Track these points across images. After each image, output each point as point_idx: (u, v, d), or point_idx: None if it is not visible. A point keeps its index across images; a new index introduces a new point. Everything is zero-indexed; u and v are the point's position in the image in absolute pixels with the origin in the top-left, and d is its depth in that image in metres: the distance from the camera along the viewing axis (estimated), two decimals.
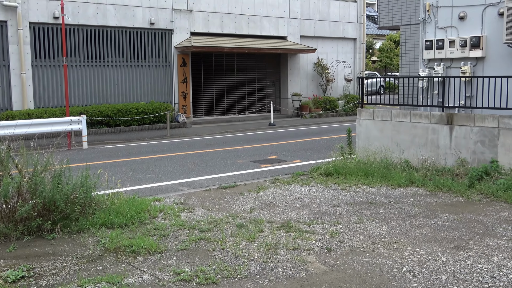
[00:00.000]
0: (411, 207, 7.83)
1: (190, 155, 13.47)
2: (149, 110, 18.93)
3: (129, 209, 7.19)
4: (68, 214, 6.64)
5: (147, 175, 10.78)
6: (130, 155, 13.62)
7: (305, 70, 24.84)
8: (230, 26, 21.90)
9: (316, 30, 24.93)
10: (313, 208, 7.85)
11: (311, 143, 15.63)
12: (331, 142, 15.02)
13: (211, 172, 11.03)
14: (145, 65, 19.92)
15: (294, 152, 13.82)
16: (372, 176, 9.65)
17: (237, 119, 22.39)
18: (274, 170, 11.23)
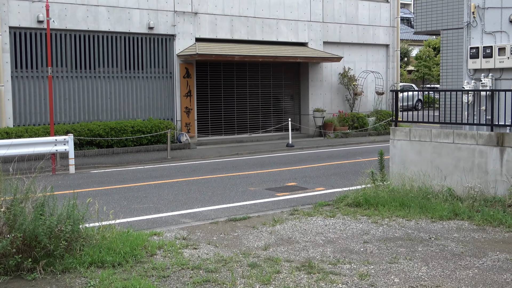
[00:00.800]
0: (455, 244, 7.76)
1: (195, 182, 13.50)
2: (147, 128, 19.06)
3: (123, 245, 7.20)
4: (52, 250, 6.66)
5: (144, 205, 10.81)
6: (125, 181, 13.68)
7: (329, 82, 24.91)
8: (241, 31, 22.10)
9: (342, 35, 25.07)
10: (339, 244, 7.81)
11: (336, 167, 15.59)
12: (360, 166, 14.96)
13: (219, 202, 11.03)
14: (143, 76, 20.12)
15: (316, 178, 13.79)
16: (409, 207, 9.59)
17: (249, 139, 22.45)
18: (292, 200, 11.20)
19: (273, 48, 22.39)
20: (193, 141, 20.84)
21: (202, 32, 21.19)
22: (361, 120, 24.49)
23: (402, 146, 11.09)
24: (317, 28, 24.12)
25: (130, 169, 15.92)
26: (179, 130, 20.53)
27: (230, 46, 21.47)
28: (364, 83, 25.81)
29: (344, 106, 25.29)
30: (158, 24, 20.18)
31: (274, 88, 24.24)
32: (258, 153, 19.34)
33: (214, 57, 20.24)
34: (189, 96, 20.80)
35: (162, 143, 19.52)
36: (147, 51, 20.17)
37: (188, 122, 20.81)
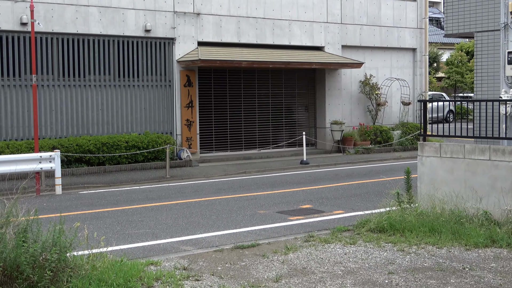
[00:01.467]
0: (493, 276, 7.70)
1: (197, 204, 13.50)
2: (143, 143, 19.12)
3: (116, 276, 7.19)
4: (36, 282, 6.65)
5: (139, 231, 10.81)
6: (118, 203, 13.69)
7: (349, 91, 24.96)
8: (249, 34, 22.21)
9: (363, 38, 25.14)
10: (360, 276, 7.77)
11: (357, 187, 15.56)
12: (384, 186, 14.92)
13: (224, 227, 11.02)
14: (138, 84, 20.21)
15: (334, 199, 13.76)
16: (440, 232, 9.54)
17: (258, 156, 22.46)
18: (307, 224, 11.17)
19: (285, 53, 22.47)
20: (195, 157, 20.87)
21: (205, 35, 21.30)
22: (384, 134, 24.48)
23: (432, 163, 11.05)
24: (334, 30, 24.22)
25: (124, 189, 15.93)
26: (179, 146, 20.57)
27: (236, 50, 21.58)
28: (388, 92, 25.82)
29: (366, 118, 25.31)
30: (155, 26, 20.32)
31: (286, 97, 24.31)
32: (269, 171, 19.34)
33: (218, 63, 20.34)
34: (191, 107, 20.88)
35: (160, 160, 19.56)
36: (144, 57, 20.28)
37: (189, 136, 20.86)
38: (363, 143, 23.89)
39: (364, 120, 25.20)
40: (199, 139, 21.44)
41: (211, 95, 22.40)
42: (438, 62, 50.95)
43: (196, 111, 21.08)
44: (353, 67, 23.79)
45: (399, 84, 26.15)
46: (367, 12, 25.19)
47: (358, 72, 24.98)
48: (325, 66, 23.01)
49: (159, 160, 19.55)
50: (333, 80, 24.39)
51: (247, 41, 22.18)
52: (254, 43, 22.37)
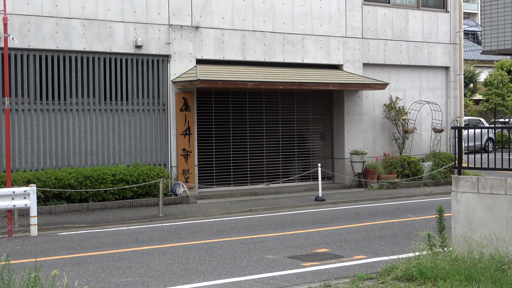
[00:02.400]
0: None
1: (194, 247, 13.44)
2: (133, 177, 19.12)
3: None
4: None
5: (127, 279, 10.75)
6: (103, 247, 13.65)
7: (371, 116, 24.99)
8: (255, 50, 22.31)
9: (388, 55, 25.22)
10: None
11: (381, 228, 15.50)
12: (412, 227, 14.83)
13: (226, 274, 10.96)
14: (127, 109, 20.26)
15: (355, 242, 13.69)
16: (478, 281, 9.47)
17: (266, 191, 22.43)
18: (323, 271, 11.10)
19: (298, 72, 22.55)
20: (193, 193, 20.87)
21: (205, 52, 21.40)
22: (413, 166, 24.45)
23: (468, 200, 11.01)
24: (354, 46, 24.33)
25: (110, 230, 15.89)
26: (175, 179, 20.58)
27: (241, 69, 21.66)
28: (417, 117, 25.82)
29: (391, 147, 25.32)
30: (148, 41, 20.44)
31: (299, 124, 24.35)
32: (278, 209, 19.30)
33: (220, 84, 20.38)
34: (188, 134, 20.91)
35: (152, 196, 19.56)
36: (134, 77, 20.37)
37: (186, 168, 20.87)
38: (388, 176, 23.88)
39: (389, 149, 25.21)
40: (197, 171, 21.42)
41: (212, 121, 22.46)
42: (475, 82, 50.98)
43: (194, 139, 21.09)
44: (376, 89, 23.85)
45: (429, 108, 26.15)
46: (392, 25, 25.32)
47: (382, 94, 25.04)
48: (343, 87, 23.04)
49: (151, 196, 19.54)
50: (353, 103, 24.45)
51: (254, 58, 22.29)
52: (262, 61, 22.47)
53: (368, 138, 24.86)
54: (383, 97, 25.12)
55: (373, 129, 25.05)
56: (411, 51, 25.73)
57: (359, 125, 24.52)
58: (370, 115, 24.95)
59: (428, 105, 26.08)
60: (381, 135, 25.21)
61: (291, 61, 23.00)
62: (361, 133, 24.58)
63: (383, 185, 23.47)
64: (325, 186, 22.89)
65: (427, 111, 26.18)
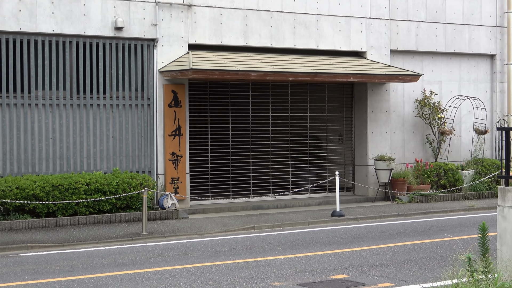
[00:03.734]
0: None
1: (185, 272, 13.40)
2: (111, 186, 19.01)
3: None
4: None
5: None
6: (74, 271, 13.58)
7: (400, 114, 24.94)
8: (261, 34, 22.24)
9: (420, 39, 25.16)
10: None
11: (411, 250, 15.43)
12: (449, 249, 14.80)
13: None
14: (105, 104, 20.19)
15: (380, 267, 13.64)
16: None
17: (272, 205, 22.36)
18: None
19: (311, 61, 22.52)
20: (184, 206, 20.80)
21: (199, 36, 21.35)
22: (451, 175, 24.39)
23: None
24: (380, 29, 24.27)
25: (84, 251, 15.81)
26: (161, 190, 20.52)
27: (243, 57, 21.63)
28: (455, 116, 25.75)
29: (424, 152, 25.26)
30: (130, 22, 20.35)
31: (312, 123, 24.32)
32: (287, 226, 19.25)
33: (217, 75, 20.34)
34: (178, 135, 20.86)
35: (134, 209, 19.48)
36: (113, 65, 20.31)
37: (175, 176, 20.81)
38: (421, 187, 23.78)
39: (422, 155, 25.15)
40: (189, 180, 21.34)
41: (207, 119, 22.42)
42: None
43: (186, 141, 21.02)
44: (407, 81, 23.75)
45: (471, 105, 26.09)
46: (426, 3, 25.24)
47: (414, 88, 24.98)
48: (367, 79, 22.99)
49: (132, 210, 19.46)
50: (378, 98, 24.39)
51: (258, 43, 22.23)
52: (268, 47, 22.43)
53: (396, 140, 24.82)
54: (414, 91, 25.07)
55: (403, 130, 24.99)
56: (449, 35, 25.65)
57: (385, 125, 24.47)
58: (398, 113, 24.89)
59: (470, 101, 26.00)
60: (412, 137, 25.15)
61: (303, 47, 22.94)
62: (388, 135, 24.52)
63: (414, 197, 23.38)
64: (344, 199, 22.87)
65: (468, 109, 26.10)
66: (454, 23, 25.76)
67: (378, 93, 24.38)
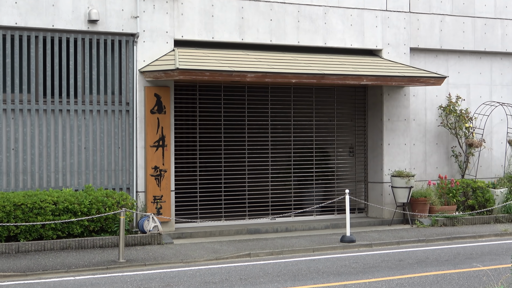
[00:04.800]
0: None
1: None
2: (82, 206, 18.91)
3: None
4: None
5: None
6: None
7: (421, 122, 24.94)
8: (259, 28, 22.24)
9: (445, 36, 25.18)
10: None
11: (434, 282, 15.42)
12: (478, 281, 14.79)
13: None
14: (76, 109, 20.14)
15: None
16: None
17: (272, 228, 22.34)
18: None
19: (318, 60, 22.56)
20: (168, 230, 20.78)
21: (186, 30, 21.35)
22: (480, 194, 24.38)
23: None
24: (398, 24, 24.27)
25: (50, 281, 15.77)
26: (142, 210, 20.48)
27: (238, 55, 21.67)
28: (486, 125, 25.77)
29: (449, 167, 25.29)
30: (106, 14, 20.34)
31: (319, 132, 24.32)
32: (289, 253, 19.22)
33: (208, 76, 20.27)
34: (162, 146, 20.83)
35: (109, 233, 19.42)
36: (86, 64, 20.27)
37: (158, 194, 20.77)
38: (445, 208, 23.77)
39: (447, 170, 25.17)
40: (174, 199, 21.32)
41: (196, 127, 22.37)
42: None
43: (171, 153, 21.00)
44: (429, 84, 23.69)
45: (504, 112, 26.12)
46: None
47: (437, 92, 25.03)
48: (383, 81, 22.88)
49: (108, 234, 19.39)
50: (395, 104, 24.35)
51: (256, 40, 22.24)
52: (267, 44, 22.47)
53: (417, 153, 24.83)
54: (438, 96, 25.11)
55: (424, 141, 24.98)
56: (478, 31, 25.69)
57: (404, 136, 24.45)
58: (419, 122, 24.89)
59: (503, 107, 26.03)
60: (435, 149, 25.16)
61: (308, 44, 22.97)
62: (407, 147, 24.50)
63: (438, 220, 23.34)
64: (355, 222, 22.89)
65: (500, 117, 26.14)
66: (485, 17, 25.81)
67: (395, 98, 24.35)
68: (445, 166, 25.20)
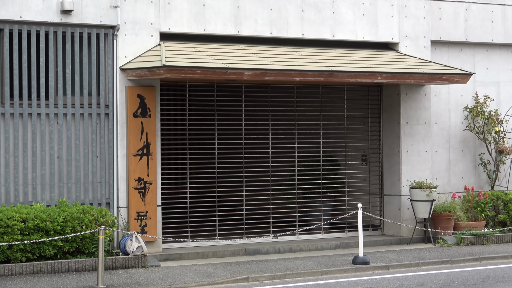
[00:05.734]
0: None
1: None
2: (55, 224, 18.90)
3: None
4: None
5: None
6: None
7: (444, 126, 25.03)
8: (257, 19, 22.27)
9: (471, 27, 25.25)
10: None
11: None
12: None
13: None
14: (48, 112, 20.15)
15: None
16: None
17: (273, 248, 22.41)
18: None
19: (325, 55, 22.66)
20: (154, 250, 20.82)
21: (174, 22, 21.39)
22: None
23: None
24: (418, 13, 24.33)
25: None
26: (124, 228, 20.49)
27: (233, 50, 21.76)
28: None
29: (477, 177, 25.37)
30: (82, 3, 20.34)
31: (326, 138, 24.43)
32: (293, 277, 19.25)
33: (200, 74, 20.27)
34: (146, 155, 20.87)
35: (87, 255, 19.40)
36: (58, 61, 20.30)
37: (142, 210, 20.77)
38: (472, 224, 23.80)
39: (474, 181, 25.22)
40: (161, 215, 21.34)
41: (186, 133, 22.39)
42: None
43: (157, 162, 21.04)
44: (453, 82, 23.74)
45: None
46: None
47: (462, 91, 25.11)
48: (400, 79, 22.95)
49: (85, 256, 19.35)
50: (414, 106, 24.40)
51: (254, 32, 22.29)
52: (267, 37, 22.53)
53: (440, 162, 24.89)
54: (463, 96, 25.19)
55: (448, 147, 25.02)
56: (509, 21, 25.81)
57: (424, 141, 24.50)
58: (442, 125, 24.96)
59: None
60: (460, 157, 25.22)
61: (314, 37, 23.04)
62: (428, 154, 24.54)
63: (464, 238, 23.36)
64: (369, 240, 23.01)
65: None
66: None
67: (414, 99, 24.38)
68: (472, 176, 25.25)
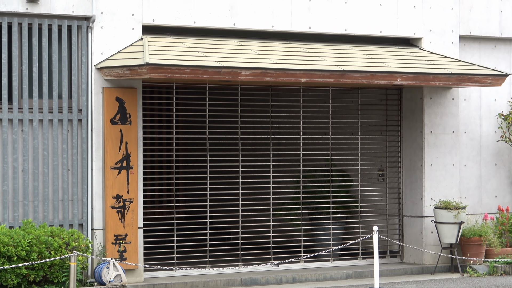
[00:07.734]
0: None
1: None
2: (19, 249, 18.88)
3: None
4: None
5: None
6: None
7: (475, 136, 25.07)
8: (256, 10, 22.30)
9: (506, 20, 25.31)
10: None
11: None
12: None
13: None
14: (11, 118, 20.12)
15: None
16: None
17: (274, 278, 22.39)
18: None
19: (336, 52, 22.74)
20: (134, 280, 20.84)
21: (159, 12, 21.43)
22: None
23: None
24: (444, 3, 24.38)
25: None
26: (100, 254, 20.52)
27: (229, 45, 21.81)
28: None
29: None
30: None
31: (337, 149, 24.39)
32: None
33: (189, 74, 20.28)
34: (126, 168, 20.91)
35: (56, 284, 19.43)
36: (24, 57, 20.32)
37: (121, 233, 20.82)
38: (507, 250, 23.88)
39: (510, 200, 25.27)
40: (142, 239, 21.36)
41: (172, 142, 22.43)
42: None
43: (138, 177, 21.09)
44: (486, 84, 23.76)
45: None
46: None
47: (496, 95, 25.21)
48: (423, 80, 22.93)
49: (54, 286, 19.39)
50: (440, 111, 24.46)
51: (252, 25, 22.38)
52: (268, 31, 22.63)
53: (469, 178, 24.94)
54: (497, 101, 25.29)
55: (479, 160, 25.10)
56: None
57: (451, 154, 24.55)
58: (472, 135, 25.03)
59: None
60: (493, 172, 25.30)
61: (323, 31, 23.12)
62: (456, 169, 24.61)
63: (497, 267, 23.35)
64: (386, 269, 23.04)
65: None
66: None
67: (440, 104, 24.46)
68: (507, 195, 25.34)
